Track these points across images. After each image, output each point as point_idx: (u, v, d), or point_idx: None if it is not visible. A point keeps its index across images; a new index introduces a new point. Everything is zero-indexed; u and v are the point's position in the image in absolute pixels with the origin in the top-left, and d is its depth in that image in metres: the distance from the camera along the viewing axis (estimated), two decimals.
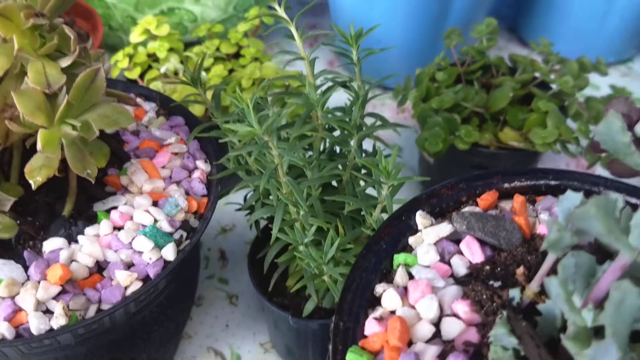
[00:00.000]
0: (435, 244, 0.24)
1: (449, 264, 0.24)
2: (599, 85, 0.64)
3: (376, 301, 0.23)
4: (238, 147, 0.30)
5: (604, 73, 0.49)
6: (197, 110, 0.41)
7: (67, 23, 0.29)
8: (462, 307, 0.21)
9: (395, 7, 0.54)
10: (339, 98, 0.44)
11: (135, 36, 0.48)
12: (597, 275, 0.18)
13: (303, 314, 0.33)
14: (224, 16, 0.57)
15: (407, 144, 0.56)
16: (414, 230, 0.25)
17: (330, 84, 0.32)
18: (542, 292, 0.21)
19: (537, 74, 0.49)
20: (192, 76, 0.33)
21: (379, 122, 0.33)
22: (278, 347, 0.41)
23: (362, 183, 0.32)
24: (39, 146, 0.25)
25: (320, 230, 0.31)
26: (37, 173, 0.26)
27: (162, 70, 0.46)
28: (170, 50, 0.48)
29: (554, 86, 0.48)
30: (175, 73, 0.47)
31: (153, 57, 0.48)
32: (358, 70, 0.32)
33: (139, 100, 0.38)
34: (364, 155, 0.32)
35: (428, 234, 0.25)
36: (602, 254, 0.21)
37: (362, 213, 0.30)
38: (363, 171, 0.32)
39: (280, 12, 0.32)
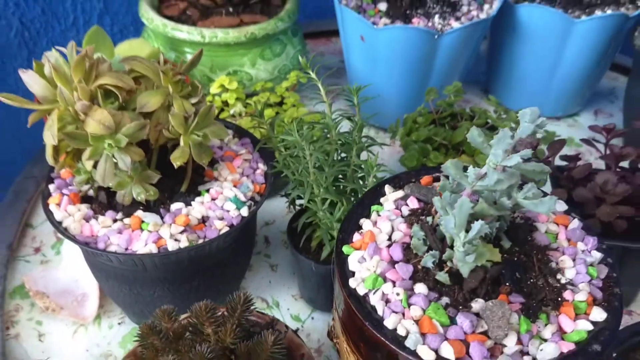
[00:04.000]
0: (394, 201, 0.44)
1: (399, 209, 0.43)
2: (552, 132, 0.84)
3: (359, 227, 0.43)
4: (285, 153, 0.51)
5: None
6: (257, 134, 0.63)
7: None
8: (403, 226, 0.41)
9: (392, 71, 0.76)
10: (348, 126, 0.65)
11: (214, 89, 0.70)
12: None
13: (321, 259, 0.53)
14: (272, 77, 0.79)
15: (395, 163, 0.76)
16: (384, 195, 0.45)
17: (340, 117, 0.53)
18: None
19: (489, 120, 0.70)
20: (258, 112, 0.55)
21: (370, 141, 0.54)
22: (304, 296, 0.61)
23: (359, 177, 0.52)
24: (181, 143, 0.47)
25: (332, 204, 0.51)
26: (177, 159, 0.47)
27: (232, 112, 0.68)
28: (237, 99, 0.70)
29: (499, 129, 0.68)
30: (240, 114, 0.69)
31: (225, 103, 0.70)
32: (357, 110, 0.53)
33: None
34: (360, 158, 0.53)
35: (391, 196, 0.45)
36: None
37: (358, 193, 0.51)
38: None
39: (312, 75, 0.53)
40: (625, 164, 0.58)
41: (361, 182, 0.53)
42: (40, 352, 0.57)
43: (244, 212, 0.50)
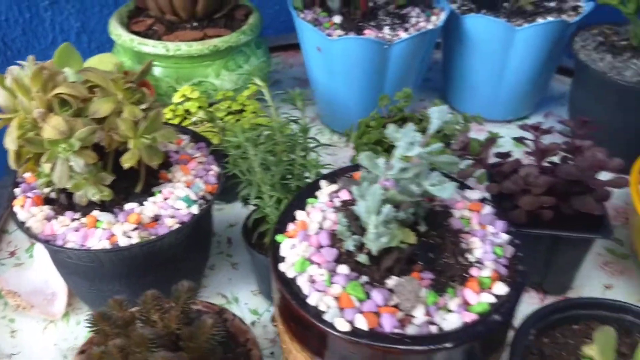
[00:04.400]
0: (328, 194, 0.48)
1: (332, 201, 0.47)
2: (503, 135, 0.88)
3: (294, 218, 0.47)
4: (233, 154, 0.55)
5: (480, 123, 0.74)
6: (217, 139, 0.67)
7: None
8: (333, 216, 0.45)
9: (348, 79, 0.80)
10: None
11: (177, 98, 0.75)
12: None
13: None
14: (236, 87, 0.83)
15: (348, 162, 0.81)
16: (319, 188, 0.49)
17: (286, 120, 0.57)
18: None
19: None
20: (210, 118, 0.59)
21: (315, 143, 0.58)
22: (263, 291, 0.65)
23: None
24: (129, 146, 0.51)
25: (279, 200, 0.55)
26: (127, 161, 0.51)
27: (194, 119, 0.73)
28: (199, 107, 0.74)
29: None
30: (202, 122, 0.73)
31: (187, 112, 0.75)
32: (302, 114, 0.57)
33: (179, 134, 0.64)
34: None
35: (326, 190, 0.49)
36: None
37: None
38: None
39: (259, 83, 0.58)
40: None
41: (307, 180, 0.57)
42: (11, 347, 0.60)
43: (194, 209, 0.54)
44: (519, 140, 0.63)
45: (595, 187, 0.55)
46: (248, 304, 0.64)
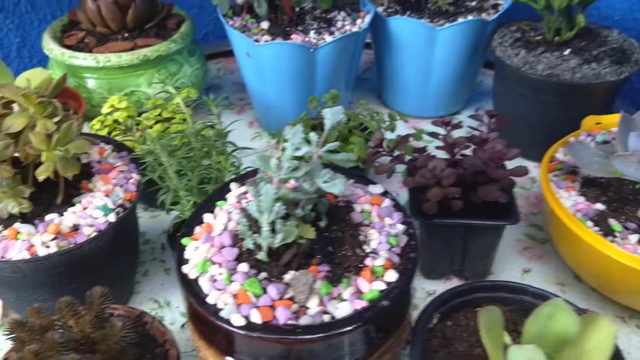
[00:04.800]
0: (237, 196, 0.50)
1: (240, 203, 0.49)
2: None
3: (202, 221, 0.48)
4: (150, 161, 0.57)
5: (405, 120, 0.77)
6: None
7: (61, 102, 0.56)
8: (237, 217, 0.47)
9: (279, 83, 0.82)
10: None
11: (105, 109, 0.76)
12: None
13: None
14: (167, 96, 0.85)
15: None
16: (230, 191, 0.51)
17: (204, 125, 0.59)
18: None
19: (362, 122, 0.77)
20: (126, 127, 0.60)
21: (233, 147, 0.59)
22: None
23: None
24: (42, 159, 0.52)
25: (196, 205, 0.56)
26: (41, 173, 0.52)
27: (123, 129, 0.74)
28: (128, 117, 0.75)
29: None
30: (130, 130, 0.74)
31: (117, 122, 0.76)
32: (217, 119, 0.59)
33: (102, 144, 0.65)
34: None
35: (235, 192, 0.50)
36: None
37: None
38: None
39: (171, 89, 0.59)
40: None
41: None
42: None
43: (112, 217, 0.55)
44: (433, 135, 0.66)
45: (496, 176, 0.58)
46: (179, 307, 0.66)
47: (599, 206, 0.61)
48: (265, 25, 0.81)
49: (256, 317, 0.40)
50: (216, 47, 1.10)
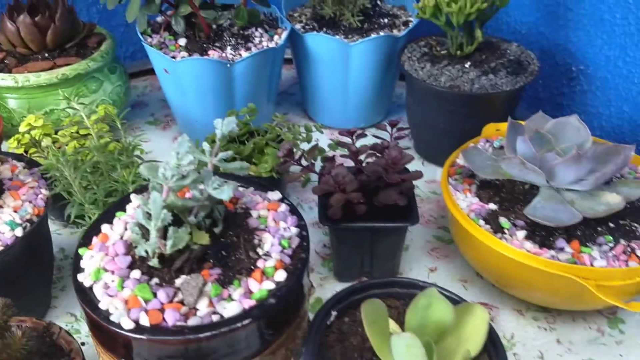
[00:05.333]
0: (136, 207, 0.52)
1: None
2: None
3: (100, 231, 0.50)
4: (56, 176, 0.58)
5: (320, 131, 0.81)
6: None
7: None
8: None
9: (199, 98, 0.84)
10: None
11: (22, 127, 0.76)
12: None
13: None
14: (89, 112, 0.85)
15: None
16: (130, 202, 0.53)
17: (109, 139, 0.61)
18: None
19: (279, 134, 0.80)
20: (33, 144, 0.61)
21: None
22: None
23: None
24: None
25: None
26: None
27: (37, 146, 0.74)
28: (45, 134, 0.76)
29: None
30: (47, 148, 0.74)
31: (34, 140, 0.76)
32: (123, 133, 0.61)
33: (14, 162, 0.66)
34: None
35: (135, 203, 0.52)
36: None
37: None
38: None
39: (75, 105, 0.60)
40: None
41: None
42: None
43: (19, 232, 0.56)
44: (340, 144, 0.69)
45: (391, 181, 0.62)
46: None
47: (492, 206, 0.66)
48: (182, 42, 0.84)
49: (145, 320, 0.42)
50: (143, 65, 1.11)
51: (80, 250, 0.47)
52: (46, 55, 0.87)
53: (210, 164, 0.47)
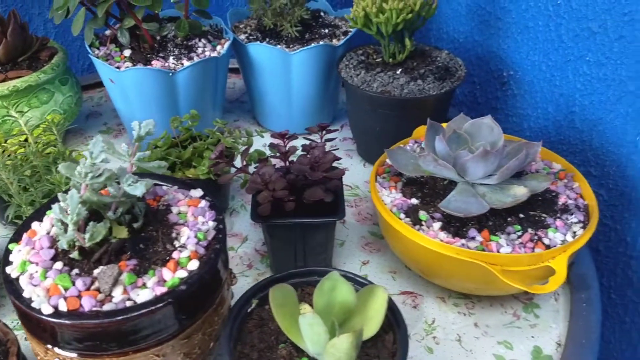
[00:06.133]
0: None
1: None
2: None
3: (30, 228, 0.53)
4: None
5: (261, 135, 0.85)
6: None
7: None
8: None
9: (145, 106, 0.88)
10: None
11: None
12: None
13: None
14: (40, 122, 0.89)
15: None
16: (59, 201, 0.56)
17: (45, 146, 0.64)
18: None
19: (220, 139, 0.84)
20: None
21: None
22: None
23: None
24: None
25: None
26: None
27: None
28: None
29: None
30: None
31: None
32: (60, 138, 0.64)
33: None
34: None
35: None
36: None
37: None
38: None
39: (13, 112, 0.64)
40: None
41: None
42: None
43: None
44: (272, 145, 0.74)
45: (314, 178, 0.66)
46: None
47: (414, 201, 0.71)
48: (127, 53, 0.88)
49: (63, 306, 0.45)
50: (99, 77, 1.14)
51: (10, 246, 0.51)
52: None
53: (129, 164, 0.51)
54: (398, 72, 0.87)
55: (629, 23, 0.77)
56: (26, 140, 0.81)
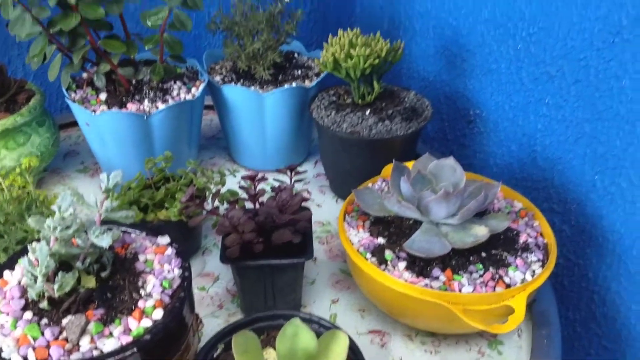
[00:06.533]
0: None
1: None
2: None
3: (2, 276, 0.54)
4: None
5: (233, 175, 0.87)
6: None
7: None
8: None
9: (120, 149, 0.90)
10: None
11: None
12: None
13: None
14: (18, 163, 0.90)
15: None
16: None
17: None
18: None
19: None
20: None
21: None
22: None
23: None
24: None
25: None
26: None
27: None
28: None
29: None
30: None
31: None
32: (33, 185, 0.66)
33: None
34: None
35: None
36: None
37: None
38: None
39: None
40: None
41: None
42: None
43: None
44: (242, 188, 0.76)
45: (281, 221, 0.68)
46: None
47: (380, 240, 0.73)
48: (103, 96, 0.90)
49: (32, 356, 0.46)
50: None
51: None
52: None
53: (97, 215, 0.53)
54: (367, 112, 0.90)
55: (584, 68, 0.81)
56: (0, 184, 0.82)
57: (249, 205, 0.75)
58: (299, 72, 1.02)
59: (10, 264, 0.56)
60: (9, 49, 1.15)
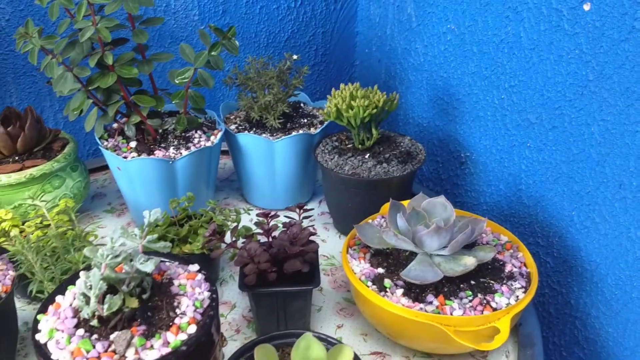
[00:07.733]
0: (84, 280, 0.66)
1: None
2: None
3: (54, 301, 0.64)
4: (21, 259, 0.72)
5: (247, 213, 0.97)
6: None
7: None
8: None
9: (148, 190, 1.00)
10: None
11: None
12: None
13: None
14: (53, 205, 1.01)
15: None
16: (79, 277, 0.67)
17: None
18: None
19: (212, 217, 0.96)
20: (7, 235, 0.75)
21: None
22: None
23: None
24: None
25: None
26: None
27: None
28: (13, 225, 0.90)
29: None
30: (15, 237, 0.88)
31: (4, 231, 0.90)
32: (77, 222, 0.76)
33: None
34: None
35: (82, 276, 0.66)
36: None
37: None
38: None
39: (38, 202, 0.76)
40: None
41: None
42: None
43: None
44: (257, 224, 0.85)
45: (292, 252, 0.78)
46: None
47: (380, 270, 0.82)
48: (133, 144, 1.01)
49: None
50: (103, 161, 1.27)
51: (38, 316, 0.61)
52: (16, 158, 1.02)
53: (140, 245, 0.63)
54: (366, 156, 1.01)
55: (559, 116, 0.92)
56: (41, 222, 0.92)
57: (262, 239, 0.85)
58: (305, 120, 1.13)
59: (61, 290, 0.65)
60: (42, 100, 1.28)
